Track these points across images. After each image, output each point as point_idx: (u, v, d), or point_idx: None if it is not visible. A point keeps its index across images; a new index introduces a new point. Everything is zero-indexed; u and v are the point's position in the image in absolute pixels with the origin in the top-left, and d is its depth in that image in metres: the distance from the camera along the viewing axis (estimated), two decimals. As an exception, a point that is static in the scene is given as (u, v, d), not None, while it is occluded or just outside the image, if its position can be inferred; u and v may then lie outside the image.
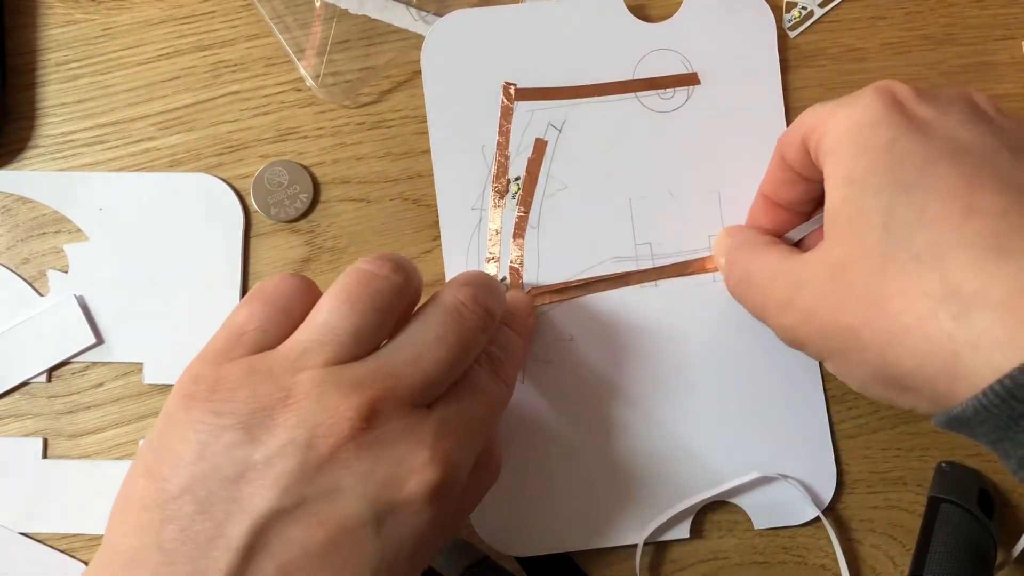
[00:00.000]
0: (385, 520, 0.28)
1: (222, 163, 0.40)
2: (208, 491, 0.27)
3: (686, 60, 0.40)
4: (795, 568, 0.39)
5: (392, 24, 0.40)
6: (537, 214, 0.39)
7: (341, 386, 0.28)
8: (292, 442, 0.27)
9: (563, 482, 0.38)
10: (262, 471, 0.27)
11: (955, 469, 0.39)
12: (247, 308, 0.31)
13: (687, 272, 0.39)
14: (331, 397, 0.28)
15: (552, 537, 0.38)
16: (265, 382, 0.28)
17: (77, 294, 0.39)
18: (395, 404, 0.29)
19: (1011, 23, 0.41)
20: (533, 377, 0.38)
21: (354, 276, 0.30)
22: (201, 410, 0.28)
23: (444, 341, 0.30)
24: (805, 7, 0.41)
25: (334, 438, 0.27)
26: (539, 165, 0.39)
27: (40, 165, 0.40)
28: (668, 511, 0.38)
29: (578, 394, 0.38)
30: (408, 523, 0.28)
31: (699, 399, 0.38)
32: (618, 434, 0.38)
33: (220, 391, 0.28)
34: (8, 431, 0.39)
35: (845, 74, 0.41)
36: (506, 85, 0.40)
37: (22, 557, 0.38)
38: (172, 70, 0.40)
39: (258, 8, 0.40)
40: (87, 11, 0.41)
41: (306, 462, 0.27)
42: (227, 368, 0.29)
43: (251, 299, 0.31)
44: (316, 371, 0.29)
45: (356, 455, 0.28)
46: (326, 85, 0.40)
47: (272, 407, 0.28)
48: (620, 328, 0.39)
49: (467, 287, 0.32)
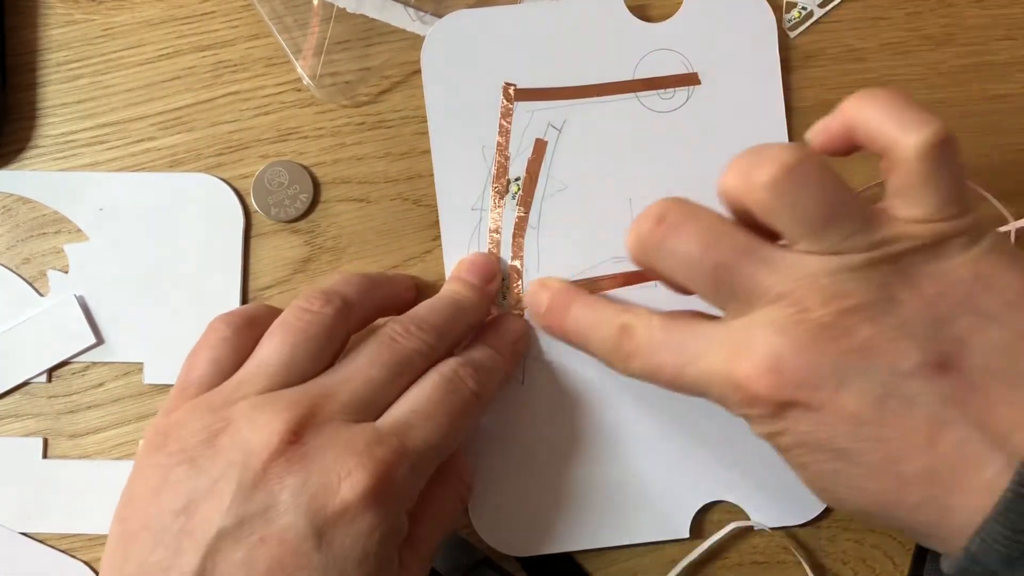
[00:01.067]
0: (325, 532, 0.28)
1: (222, 163, 0.40)
2: (162, 525, 0.29)
3: (686, 60, 0.40)
4: (795, 568, 0.39)
5: (390, 24, 0.40)
6: (537, 214, 0.39)
7: (274, 407, 0.30)
8: (230, 464, 0.29)
9: (563, 482, 0.38)
10: (207, 497, 0.29)
11: (955, 469, 0.39)
12: (191, 357, 0.34)
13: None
14: (262, 417, 0.30)
15: (552, 537, 0.38)
16: (207, 415, 0.30)
17: (77, 294, 0.39)
18: (325, 419, 0.30)
19: (1011, 23, 0.41)
20: (534, 377, 0.38)
21: (289, 313, 0.33)
22: (157, 454, 0.30)
23: (375, 362, 0.32)
24: (805, 7, 0.41)
25: (266, 454, 0.29)
26: (539, 165, 0.39)
27: (40, 165, 0.40)
28: (667, 510, 0.38)
29: (578, 393, 0.38)
30: (348, 532, 0.29)
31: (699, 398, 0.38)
32: (618, 434, 0.38)
33: (171, 432, 0.31)
34: (8, 431, 0.39)
35: (845, 74, 0.41)
36: (506, 85, 0.40)
37: (22, 557, 0.38)
38: (172, 70, 0.40)
39: (257, 8, 0.40)
40: (87, 11, 0.41)
41: (243, 481, 0.28)
42: (176, 412, 0.31)
43: (198, 346, 0.34)
44: (251, 398, 0.31)
45: (288, 469, 0.29)
46: (324, 85, 0.40)
47: (214, 436, 0.30)
48: (620, 328, 0.39)
49: (408, 317, 0.34)
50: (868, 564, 0.39)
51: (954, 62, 0.41)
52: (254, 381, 0.31)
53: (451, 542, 0.37)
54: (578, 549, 0.38)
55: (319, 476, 0.29)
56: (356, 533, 0.29)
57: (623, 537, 0.38)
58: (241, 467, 0.29)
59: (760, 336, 0.29)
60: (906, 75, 0.41)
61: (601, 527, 0.38)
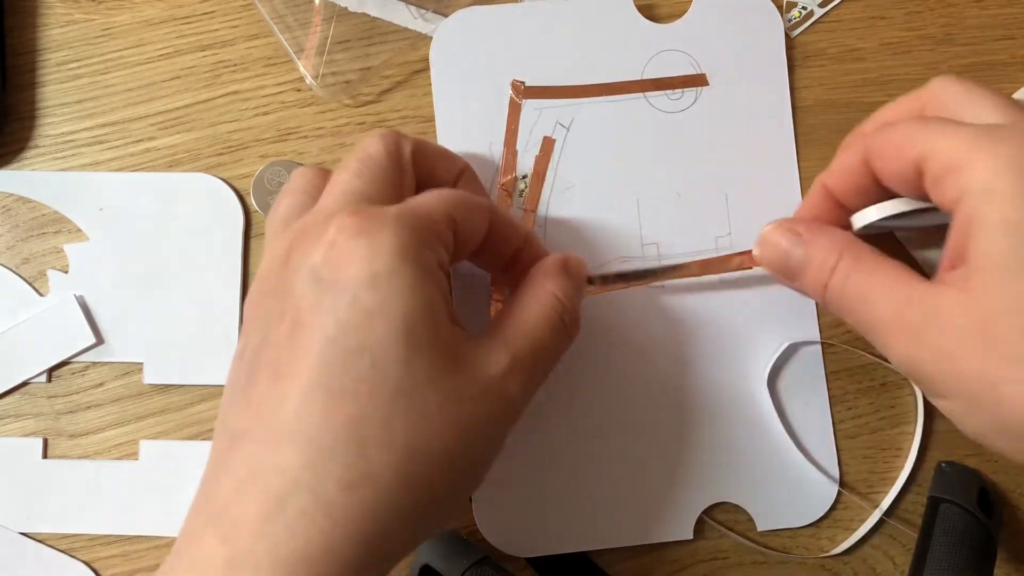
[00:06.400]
0: (322, 275, 0.28)
1: (222, 163, 0.40)
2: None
3: (695, 61, 0.40)
4: (795, 568, 0.39)
5: (392, 23, 0.40)
6: (544, 213, 0.39)
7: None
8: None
9: (567, 484, 0.38)
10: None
11: (955, 469, 0.39)
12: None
13: (729, 268, 0.37)
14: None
15: (555, 538, 0.38)
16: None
17: (77, 294, 0.39)
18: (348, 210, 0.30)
19: (1011, 23, 0.41)
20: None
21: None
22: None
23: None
24: (805, 7, 0.41)
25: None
26: (547, 164, 0.39)
27: (40, 165, 0.40)
28: (671, 512, 0.38)
29: (583, 393, 0.38)
30: (343, 270, 0.28)
31: (703, 399, 0.38)
32: (622, 434, 0.38)
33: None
34: (8, 431, 0.39)
35: (845, 74, 0.41)
36: (515, 82, 0.40)
37: (22, 557, 0.38)
38: (172, 70, 0.40)
39: (258, 8, 0.40)
40: (87, 11, 0.41)
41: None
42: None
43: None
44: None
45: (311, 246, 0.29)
46: (326, 84, 0.40)
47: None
48: (627, 327, 0.39)
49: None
50: (868, 564, 0.39)
51: (954, 62, 0.41)
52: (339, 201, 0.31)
53: (451, 542, 0.37)
54: (581, 550, 0.38)
55: (318, 233, 0.29)
56: (353, 273, 0.28)
57: (626, 538, 0.38)
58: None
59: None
60: (906, 75, 0.41)
61: (605, 528, 0.38)
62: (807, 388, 0.39)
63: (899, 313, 0.30)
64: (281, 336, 0.28)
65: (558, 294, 0.33)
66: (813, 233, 0.34)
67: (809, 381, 0.39)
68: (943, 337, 0.29)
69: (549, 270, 0.33)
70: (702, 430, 0.38)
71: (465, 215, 0.31)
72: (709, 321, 0.39)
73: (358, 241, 0.28)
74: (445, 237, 0.30)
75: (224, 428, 0.29)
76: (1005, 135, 0.29)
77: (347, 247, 0.28)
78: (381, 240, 0.28)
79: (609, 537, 0.38)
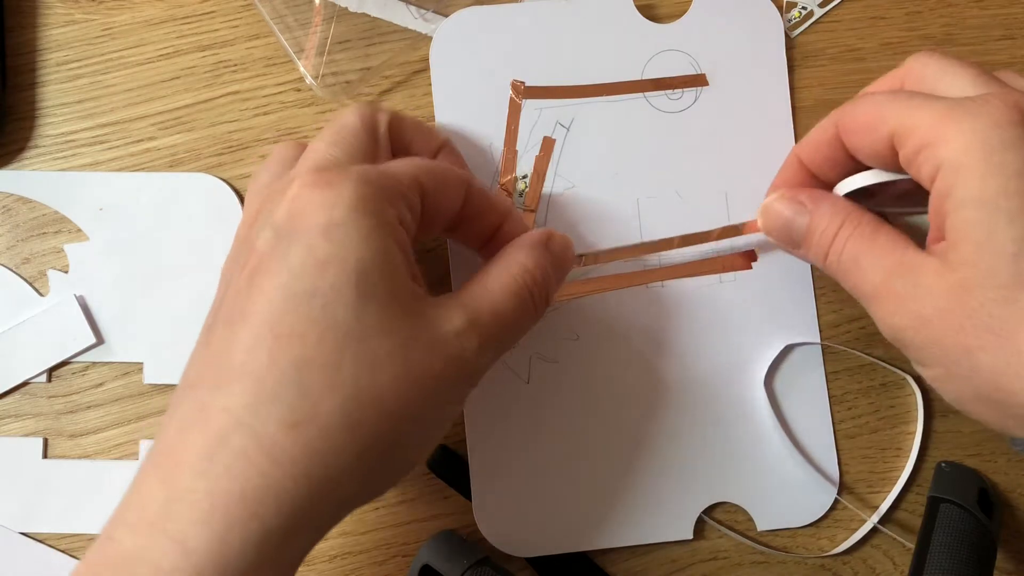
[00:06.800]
0: (282, 228, 0.28)
1: (222, 163, 0.40)
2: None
3: (694, 61, 0.40)
4: (795, 568, 0.39)
5: (392, 23, 0.40)
6: (544, 212, 0.39)
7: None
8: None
9: (567, 484, 0.38)
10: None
11: (955, 469, 0.39)
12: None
13: (742, 232, 0.38)
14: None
15: (555, 538, 0.38)
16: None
17: (77, 294, 0.39)
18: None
19: (1011, 23, 0.41)
20: (538, 376, 0.38)
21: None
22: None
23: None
24: (805, 7, 0.41)
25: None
26: (547, 163, 0.39)
27: (40, 165, 0.40)
28: (671, 512, 0.38)
29: (582, 393, 0.38)
30: (301, 219, 0.28)
31: (702, 399, 0.38)
32: (622, 434, 0.38)
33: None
34: (8, 431, 0.39)
35: (845, 74, 0.41)
36: (515, 82, 0.40)
37: (22, 557, 0.38)
38: (172, 70, 0.40)
39: (258, 8, 0.40)
40: (87, 11, 0.41)
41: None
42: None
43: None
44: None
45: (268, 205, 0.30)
46: (326, 84, 0.40)
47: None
48: (626, 328, 0.39)
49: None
50: (868, 564, 0.39)
51: (954, 62, 0.41)
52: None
53: (451, 542, 0.37)
54: (581, 550, 0.38)
55: (279, 196, 0.29)
56: (311, 210, 0.28)
57: (626, 538, 0.38)
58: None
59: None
60: (906, 75, 0.41)
61: (604, 528, 0.38)
62: (807, 388, 0.39)
63: (886, 281, 0.31)
64: (240, 284, 0.28)
65: (528, 264, 0.32)
66: (816, 202, 0.34)
67: (809, 381, 0.39)
68: (923, 305, 0.30)
69: (526, 242, 0.33)
70: (702, 430, 0.38)
71: (436, 184, 0.31)
72: (709, 322, 0.39)
73: (316, 192, 0.28)
74: (410, 199, 0.30)
75: (184, 376, 0.29)
76: (975, 108, 0.29)
77: (306, 198, 0.28)
78: (340, 191, 0.28)
79: (609, 537, 0.38)
